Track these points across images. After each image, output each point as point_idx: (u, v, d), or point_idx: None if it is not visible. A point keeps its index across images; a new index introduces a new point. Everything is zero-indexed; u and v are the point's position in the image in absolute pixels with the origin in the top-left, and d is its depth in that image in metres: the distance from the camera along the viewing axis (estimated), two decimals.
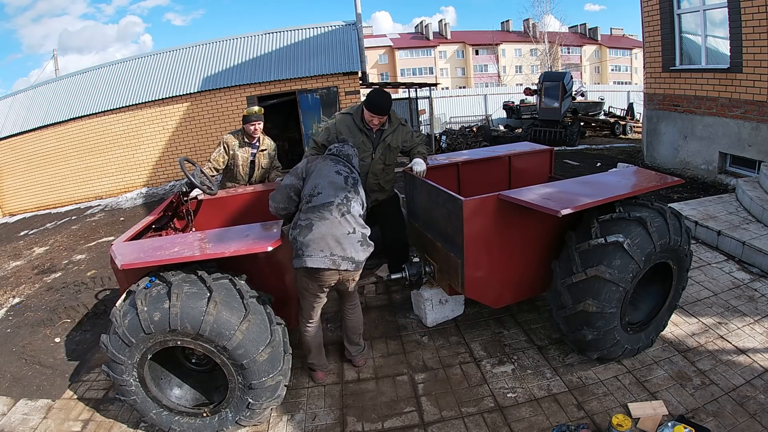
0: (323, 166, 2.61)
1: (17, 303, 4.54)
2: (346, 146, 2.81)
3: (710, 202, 5.10)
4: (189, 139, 10.14)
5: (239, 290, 2.26)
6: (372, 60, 41.45)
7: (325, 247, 2.41)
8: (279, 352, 2.32)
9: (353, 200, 2.55)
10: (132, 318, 2.15)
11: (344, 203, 2.49)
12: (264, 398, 2.29)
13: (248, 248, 2.22)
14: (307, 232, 2.42)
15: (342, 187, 2.54)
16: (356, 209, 2.55)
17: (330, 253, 2.42)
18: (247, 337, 2.17)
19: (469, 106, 20.80)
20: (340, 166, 2.63)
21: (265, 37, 10.89)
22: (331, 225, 2.43)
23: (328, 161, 2.65)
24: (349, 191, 2.54)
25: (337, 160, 2.68)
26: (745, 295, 3.40)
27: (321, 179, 2.54)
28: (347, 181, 2.58)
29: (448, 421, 2.45)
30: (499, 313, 3.39)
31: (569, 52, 42.04)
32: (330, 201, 2.46)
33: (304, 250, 2.42)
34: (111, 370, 2.27)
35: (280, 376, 2.33)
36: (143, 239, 2.76)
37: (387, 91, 3.25)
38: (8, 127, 10.16)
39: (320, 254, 2.41)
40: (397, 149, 3.37)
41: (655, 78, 7.49)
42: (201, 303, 2.14)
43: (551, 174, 3.96)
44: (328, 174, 2.56)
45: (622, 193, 2.57)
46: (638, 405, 2.39)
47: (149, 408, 2.36)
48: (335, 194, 2.49)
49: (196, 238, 2.47)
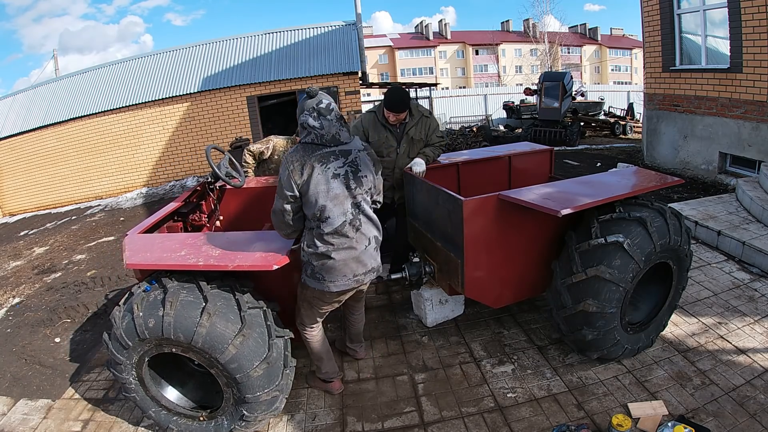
0: (316, 175, 2.11)
1: (17, 303, 4.54)
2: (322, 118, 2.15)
3: (710, 202, 5.10)
4: (189, 139, 10.15)
5: (238, 301, 2.17)
6: (372, 60, 41.46)
7: (348, 272, 2.24)
8: (277, 367, 2.22)
9: (361, 201, 2.23)
10: (129, 322, 2.14)
11: (355, 216, 2.21)
12: (259, 411, 2.23)
13: (251, 264, 2.11)
14: (326, 260, 2.20)
15: (345, 195, 2.16)
16: (367, 207, 2.28)
17: (353, 275, 2.26)
18: (240, 352, 2.08)
19: (469, 106, 20.81)
20: (332, 164, 2.13)
21: (265, 37, 10.89)
22: (349, 249, 2.21)
23: (316, 165, 2.11)
24: (354, 195, 2.19)
25: (324, 155, 2.13)
26: (745, 295, 3.40)
27: (321, 198, 2.12)
28: (349, 183, 2.17)
29: (448, 421, 2.45)
30: (499, 313, 3.39)
31: (569, 52, 42.04)
32: (341, 223, 2.16)
33: (325, 276, 2.23)
34: (112, 368, 2.29)
35: (276, 392, 2.24)
36: (158, 233, 2.76)
37: (403, 89, 3.34)
38: (8, 127, 10.16)
39: (344, 279, 2.25)
40: (420, 141, 3.42)
41: (655, 78, 7.49)
42: (195, 313, 2.07)
43: (551, 174, 3.96)
44: (326, 188, 2.12)
45: (622, 193, 2.57)
46: (638, 405, 2.39)
47: (149, 406, 2.37)
48: (343, 210, 2.16)
49: (206, 242, 2.38)
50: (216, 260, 2.16)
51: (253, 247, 2.29)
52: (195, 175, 10.12)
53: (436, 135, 3.47)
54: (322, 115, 2.15)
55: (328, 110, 2.17)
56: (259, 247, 2.28)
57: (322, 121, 2.15)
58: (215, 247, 2.30)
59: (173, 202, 3.08)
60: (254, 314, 2.21)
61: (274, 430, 2.49)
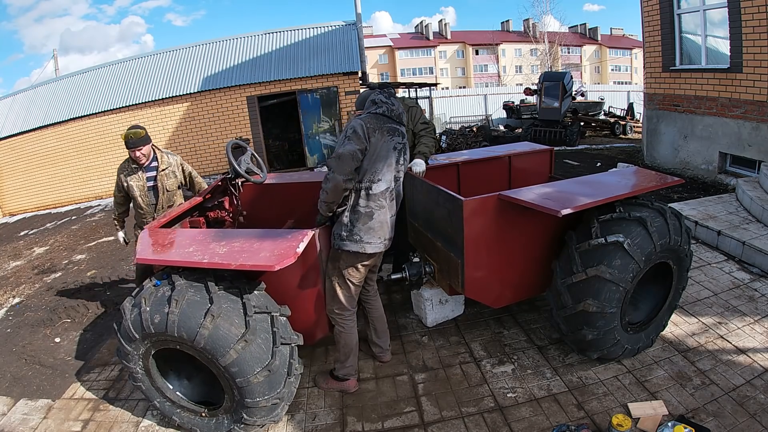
0: (383, 142, 2.40)
1: (17, 303, 4.54)
2: (392, 98, 2.54)
3: (710, 202, 5.11)
4: (189, 139, 10.15)
5: (244, 305, 2.15)
6: (372, 60, 41.45)
7: (381, 234, 2.49)
8: (279, 375, 2.20)
9: (400, 177, 2.57)
10: (136, 315, 2.17)
11: (394, 187, 2.52)
12: (258, 416, 2.23)
13: (254, 264, 2.09)
14: (367, 220, 2.43)
15: (394, 167, 2.48)
16: (400, 184, 2.60)
17: (384, 238, 2.51)
18: (242, 357, 2.07)
19: (469, 106, 20.78)
20: (395, 138, 2.47)
21: (265, 37, 10.90)
22: (386, 212, 2.49)
23: (385, 134, 2.41)
24: (398, 170, 2.52)
25: (392, 129, 2.46)
26: (745, 295, 3.40)
27: (381, 163, 2.40)
28: (399, 158, 2.50)
29: (448, 421, 2.45)
30: (499, 313, 3.39)
31: (569, 52, 42.02)
32: (386, 188, 2.45)
33: (363, 237, 2.43)
34: (121, 356, 2.32)
35: (277, 399, 2.22)
36: (174, 228, 2.77)
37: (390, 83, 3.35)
38: (8, 127, 10.17)
39: (378, 240, 2.48)
40: (408, 131, 3.44)
41: (655, 78, 7.49)
42: (200, 313, 2.08)
43: (551, 174, 3.96)
44: (387, 154, 2.42)
45: (622, 193, 2.57)
46: (638, 405, 2.39)
47: (154, 396, 2.40)
48: (391, 179, 2.48)
49: (217, 238, 2.35)
50: (221, 258, 2.13)
51: (262, 245, 2.23)
52: None
53: (420, 122, 3.50)
54: (391, 95, 2.55)
55: (395, 95, 2.59)
56: (267, 245, 2.22)
57: (392, 99, 2.52)
58: (224, 245, 2.26)
59: (194, 197, 3.10)
60: (260, 319, 2.18)
61: (274, 429, 2.49)
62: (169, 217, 2.81)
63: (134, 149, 3.22)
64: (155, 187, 3.41)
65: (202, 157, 10.22)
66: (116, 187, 3.45)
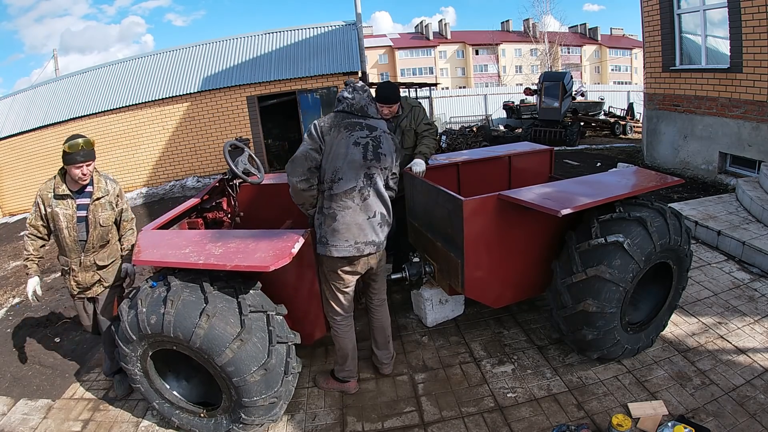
0: (340, 138, 2.32)
1: (17, 303, 4.54)
2: (355, 92, 2.42)
3: (710, 202, 5.11)
4: (189, 139, 10.15)
5: (239, 304, 2.16)
6: (372, 60, 41.45)
7: (349, 237, 2.35)
8: (276, 374, 2.19)
9: (375, 174, 2.38)
10: (133, 316, 2.18)
11: (365, 185, 2.35)
12: (256, 416, 2.22)
13: (248, 265, 2.09)
14: (330, 222, 2.34)
15: (361, 164, 2.33)
16: (379, 183, 2.41)
17: (354, 241, 2.36)
18: (238, 356, 2.07)
19: (469, 106, 20.78)
20: (356, 133, 2.34)
21: (265, 37, 10.89)
22: (353, 213, 2.35)
23: (342, 130, 2.33)
24: (369, 166, 2.35)
25: (352, 123, 2.37)
26: (745, 295, 3.40)
27: (339, 161, 2.31)
28: (366, 153, 2.34)
29: (448, 421, 2.45)
30: (499, 313, 3.39)
31: (569, 52, 42.02)
32: (351, 187, 2.32)
33: (328, 239, 2.36)
34: (120, 357, 2.32)
35: (275, 398, 2.22)
36: (171, 229, 2.77)
37: (393, 82, 3.37)
38: (8, 127, 10.16)
39: (345, 243, 2.35)
40: (410, 131, 3.51)
41: (655, 78, 7.49)
42: (195, 313, 2.08)
43: (551, 174, 3.96)
44: (347, 151, 2.31)
45: (622, 193, 2.57)
46: (638, 405, 2.39)
47: (153, 397, 2.40)
48: (356, 177, 2.33)
49: (213, 239, 2.36)
50: (216, 259, 2.15)
51: (258, 246, 2.25)
52: (195, 175, 10.12)
53: (424, 123, 3.51)
54: (355, 90, 2.44)
55: (362, 88, 2.46)
56: (263, 246, 2.24)
57: (354, 94, 2.42)
58: (220, 246, 2.27)
59: (192, 198, 3.10)
60: (255, 318, 2.19)
61: (274, 429, 2.49)
62: (164, 220, 2.79)
63: (82, 164, 2.47)
64: (86, 218, 2.59)
65: (202, 157, 10.22)
66: (34, 215, 2.60)
